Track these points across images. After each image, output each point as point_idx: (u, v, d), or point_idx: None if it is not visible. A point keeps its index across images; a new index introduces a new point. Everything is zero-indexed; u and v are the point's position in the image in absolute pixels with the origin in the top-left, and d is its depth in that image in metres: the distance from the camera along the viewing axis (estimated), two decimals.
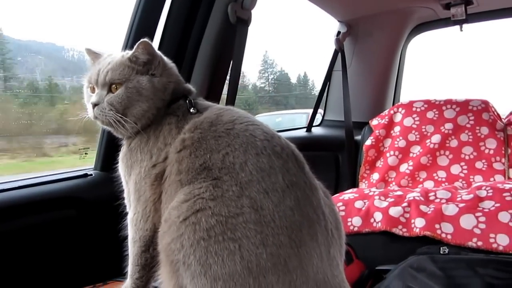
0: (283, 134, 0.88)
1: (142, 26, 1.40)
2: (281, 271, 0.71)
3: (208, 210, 0.74)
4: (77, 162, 1.76)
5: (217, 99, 1.71)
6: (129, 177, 0.95)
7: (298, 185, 0.79)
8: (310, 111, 2.61)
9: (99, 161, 1.48)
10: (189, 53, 1.62)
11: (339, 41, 2.36)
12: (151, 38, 1.43)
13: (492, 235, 1.25)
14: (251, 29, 1.64)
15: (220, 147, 0.82)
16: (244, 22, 1.60)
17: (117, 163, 1.00)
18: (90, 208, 1.34)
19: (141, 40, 0.94)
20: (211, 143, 0.83)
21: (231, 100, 1.62)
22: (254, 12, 1.65)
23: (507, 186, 1.40)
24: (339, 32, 2.39)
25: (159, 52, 0.99)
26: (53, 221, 1.27)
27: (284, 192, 0.76)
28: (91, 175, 1.43)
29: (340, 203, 1.53)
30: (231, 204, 0.74)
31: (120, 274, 1.03)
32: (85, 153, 1.65)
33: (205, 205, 0.75)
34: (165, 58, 1.02)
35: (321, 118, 2.65)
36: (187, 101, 0.97)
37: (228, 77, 1.69)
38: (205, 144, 0.83)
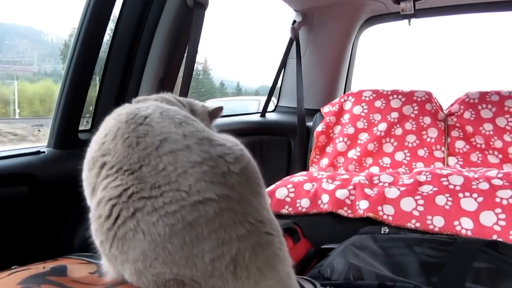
0: (237, 119, 0.89)
1: (98, 8, 1.37)
2: None
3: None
4: None
5: (172, 83, 1.71)
6: None
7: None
8: (262, 98, 2.64)
9: (53, 138, 1.42)
10: (145, 35, 1.60)
11: (294, 30, 2.40)
12: (107, 20, 1.41)
13: (429, 216, 1.34)
14: None
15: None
16: (201, 6, 1.59)
17: (72, 139, 0.99)
18: (42, 186, 1.31)
19: None
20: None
21: (185, 85, 1.62)
22: None
23: (445, 172, 1.50)
24: (294, 21, 2.43)
25: None
26: (4, 199, 1.24)
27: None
28: (44, 152, 1.40)
29: (290, 185, 1.59)
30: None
31: (72, 251, 1.03)
32: (38, 130, 1.61)
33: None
34: None
35: (274, 104, 2.70)
36: None
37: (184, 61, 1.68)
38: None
